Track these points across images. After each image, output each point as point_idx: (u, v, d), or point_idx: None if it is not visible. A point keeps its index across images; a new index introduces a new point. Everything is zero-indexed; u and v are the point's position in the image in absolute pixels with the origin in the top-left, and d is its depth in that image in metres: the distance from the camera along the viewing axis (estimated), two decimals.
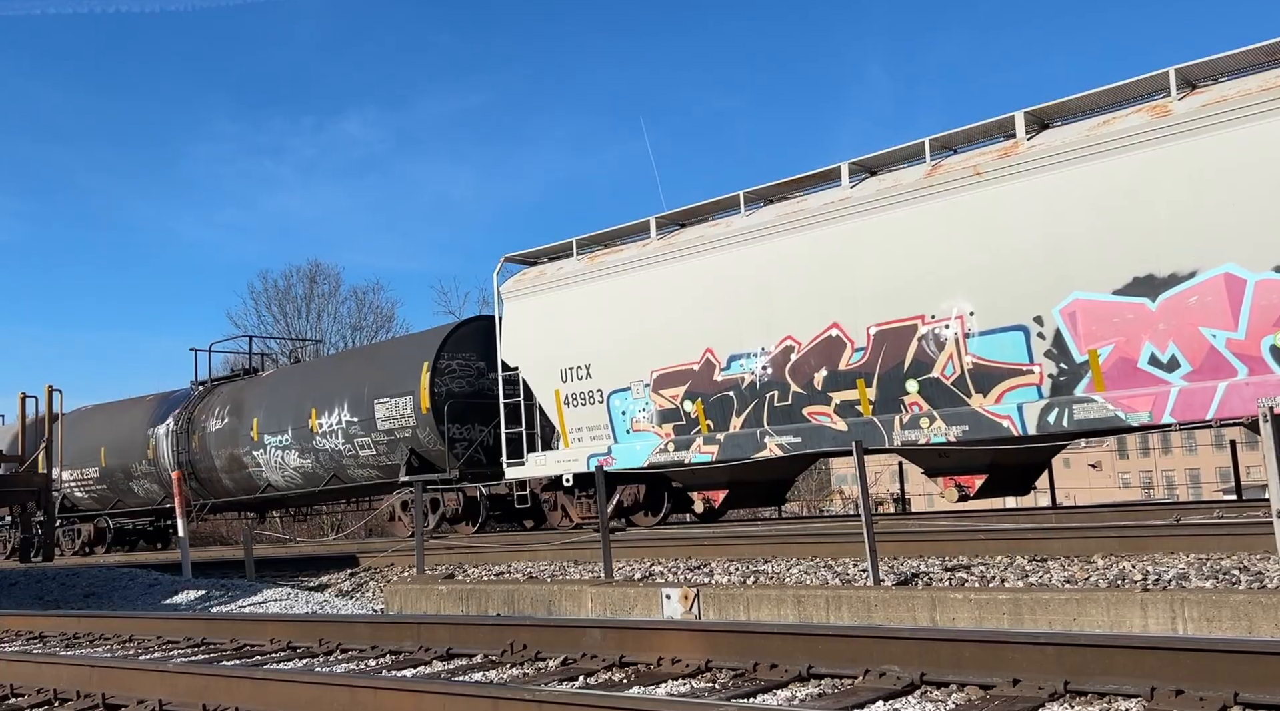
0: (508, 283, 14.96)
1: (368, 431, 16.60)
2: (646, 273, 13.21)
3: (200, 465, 20.24)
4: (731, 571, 8.81)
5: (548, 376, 14.10)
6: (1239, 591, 5.65)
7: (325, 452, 17.51)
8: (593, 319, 13.72)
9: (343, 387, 17.30)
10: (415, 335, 18.36)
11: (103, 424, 23.03)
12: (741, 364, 12.28)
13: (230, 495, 20.23)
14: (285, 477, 18.64)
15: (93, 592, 13.13)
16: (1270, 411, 6.02)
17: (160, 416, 21.43)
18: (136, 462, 21.57)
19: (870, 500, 7.83)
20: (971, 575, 7.46)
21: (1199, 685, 3.78)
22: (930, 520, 11.49)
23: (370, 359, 18.35)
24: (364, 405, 16.62)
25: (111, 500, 22.61)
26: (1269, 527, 6.06)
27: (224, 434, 19.63)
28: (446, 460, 15.54)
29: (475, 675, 5.46)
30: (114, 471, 22.04)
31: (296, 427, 17.91)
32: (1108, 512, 10.90)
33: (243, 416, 19.26)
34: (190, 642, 7.47)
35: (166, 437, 20.87)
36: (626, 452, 13.30)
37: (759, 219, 12.39)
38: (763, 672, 4.82)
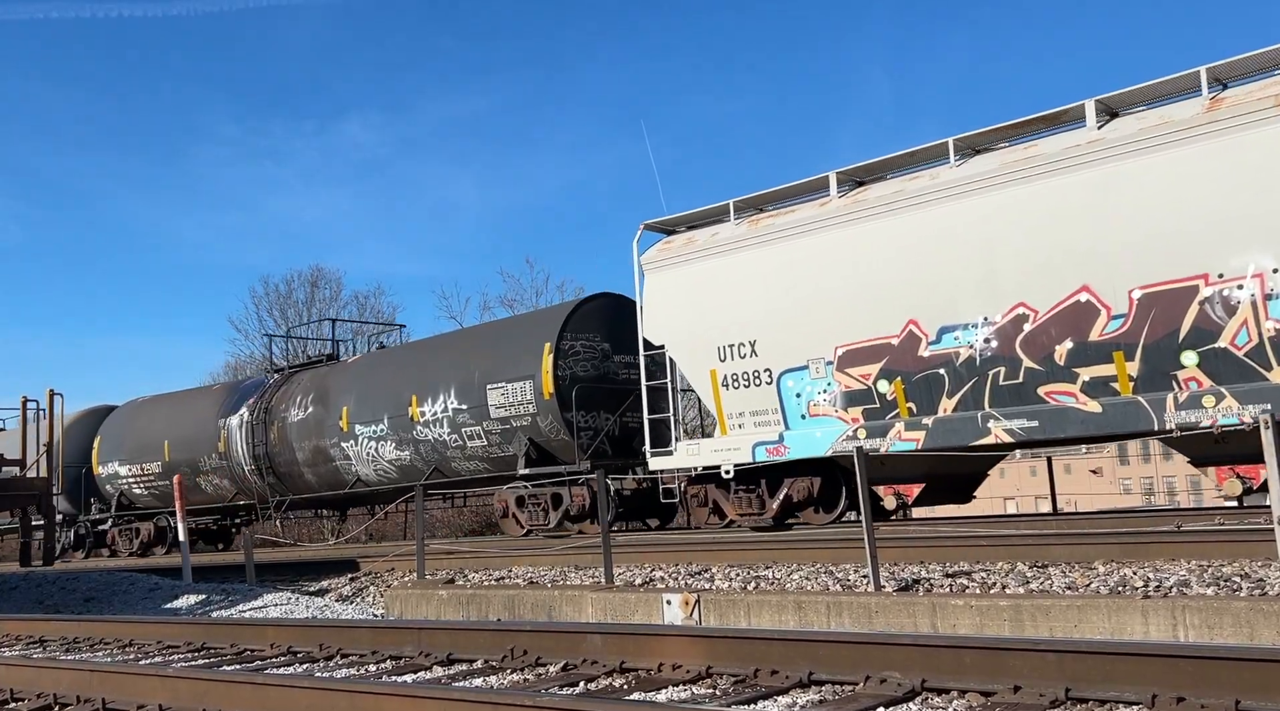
0: (649, 252, 13.42)
1: (478, 420, 15.24)
2: (828, 235, 11.60)
3: (279, 459, 18.80)
4: (732, 577, 8.80)
5: (702, 355, 12.63)
6: (1240, 598, 5.65)
7: (427, 443, 16.12)
8: (759, 289, 12.14)
9: (449, 372, 15.90)
10: (532, 314, 17.02)
11: (165, 416, 21.75)
12: (955, 337, 10.69)
13: (312, 491, 18.68)
14: (378, 471, 17.24)
15: (93, 597, 13.12)
16: (1271, 419, 6.02)
17: (232, 406, 19.97)
18: (205, 457, 20.21)
19: (870, 506, 7.82)
20: (973, 581, 7.45)
21: (1200, 692, 3.78)
22: (932, 526, 11.48)
23: (480, 341, 16.52)
24: (474, 391, 15.31)
25: (173, 498, 21.76)
26: (1270, 535, 6.06)
27: (307, 424, 18.17)
28: (575, 451, 14.23)
29: (476, 680, 5.45)
30: (179, 466, 20.43)
31: (394, 417, 16.49)
32: (1109, 519, 10.89)
33: (329, 405, 17.79)
34: (190, 647, 7.47)
35: (240, 429, 19.43)
36: (803, 440, 11.75)
37: (976, 168, 10.77)
38: (763, 679, 4.82)
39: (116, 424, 23.03)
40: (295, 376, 19.47)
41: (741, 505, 12.67)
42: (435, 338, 18.62)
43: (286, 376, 19.72)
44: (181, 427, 21.04)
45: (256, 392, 19.78)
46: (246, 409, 19.50)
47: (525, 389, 14.67)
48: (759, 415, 12.21)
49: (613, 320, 14.74)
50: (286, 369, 20.26)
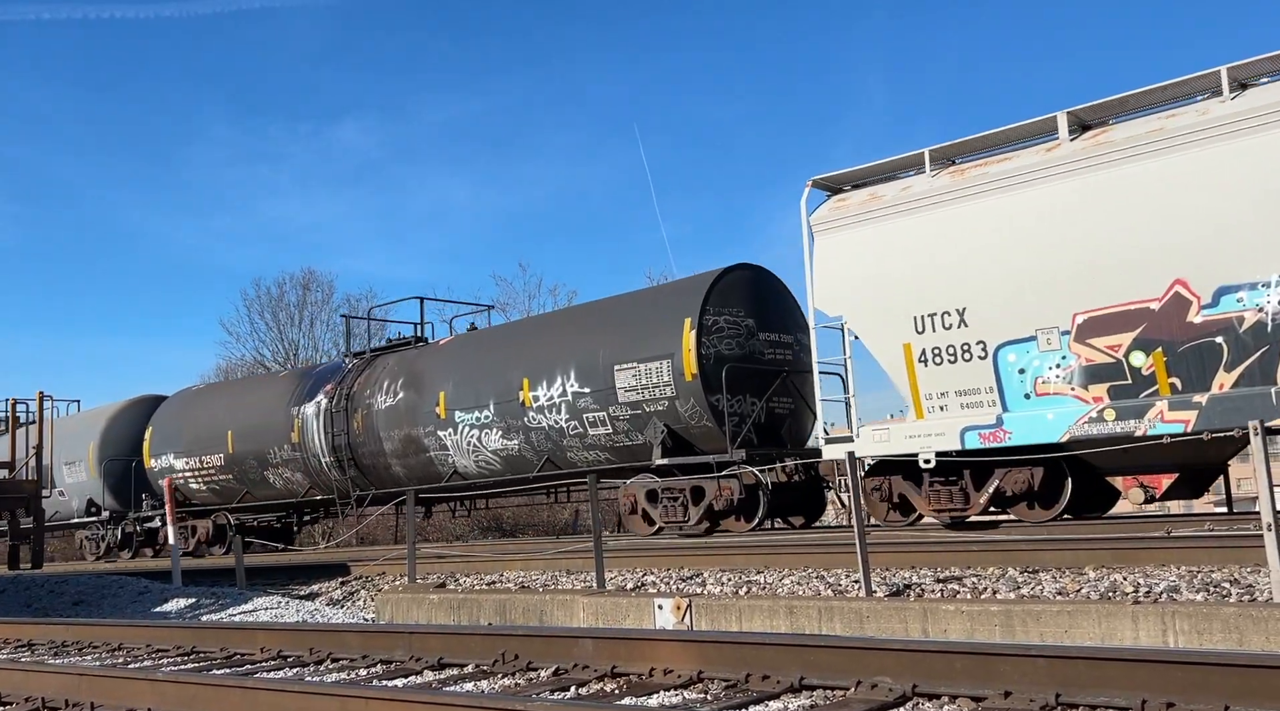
0: (821, 211, 11.88)
1: (603, 405, 13.83)
2: (1062, 184, 10.12)
3: (363, 449, 17.25)
4: (724, 581, 8.80)
5: (891, 327, 11.10)
6: (1230, 604, 5.67)
7: (540, 431, 14.66)
8: (969, 250, 10.63)
9: (567, 352, 14.46)
10: (666, 286, 15.15)
11: (227, 405, 20.32)
12: (1239, 299, 9.19)
13: (398, 485, 16.82)
14: (480, 463, 15.77)
15: (81, 600, 13.06)
16: (1260, 425, 6.04)
17: (307, 393, 18.41)
18: (275, 448, 18.62)
19: (863, 511, 7.83)
20: (963, 586, 7.46)
21: (1190, 698, 3.79)
22: (923, 531, 11.50)
23: (604, 317, 14.84)
24: (599, 373, 13.90)
25: (237, 493, 19.82)
26: (1259, 540, 6.08)
27: (397, 412, 16.62)
28: (722, 439, 12.80)
29: (467, 685, 5.44)
30: (244, 459, 19.19)
31: (501, 402, 15.04)
32: (1099, 524, 10.91)
33: (423, 390, 16.26)
34: (179, 651, 7.44)
35: (317, 418, 17.88)
36: (1029, 424, 10.20)
37: (1263, 99, 9.26)
38: (754, 683, 4.82)
39: (170, 414, 21.66)
40: (379, 360, 17.81)
41: (938, 499, 11.07)
42: (548, 315, 16.95)
43: (368, 360, 18.01)
44: (247, 417, 19.44)
45: (334, 378, 18.21)
46: (324, 396, 17.88)
47: (662, 369, 13.23)
48: (968, 394, 10.65)
49: (756, 294, 13.59)
50: (367, 352, 18.42)
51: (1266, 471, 5.93)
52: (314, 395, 18.25)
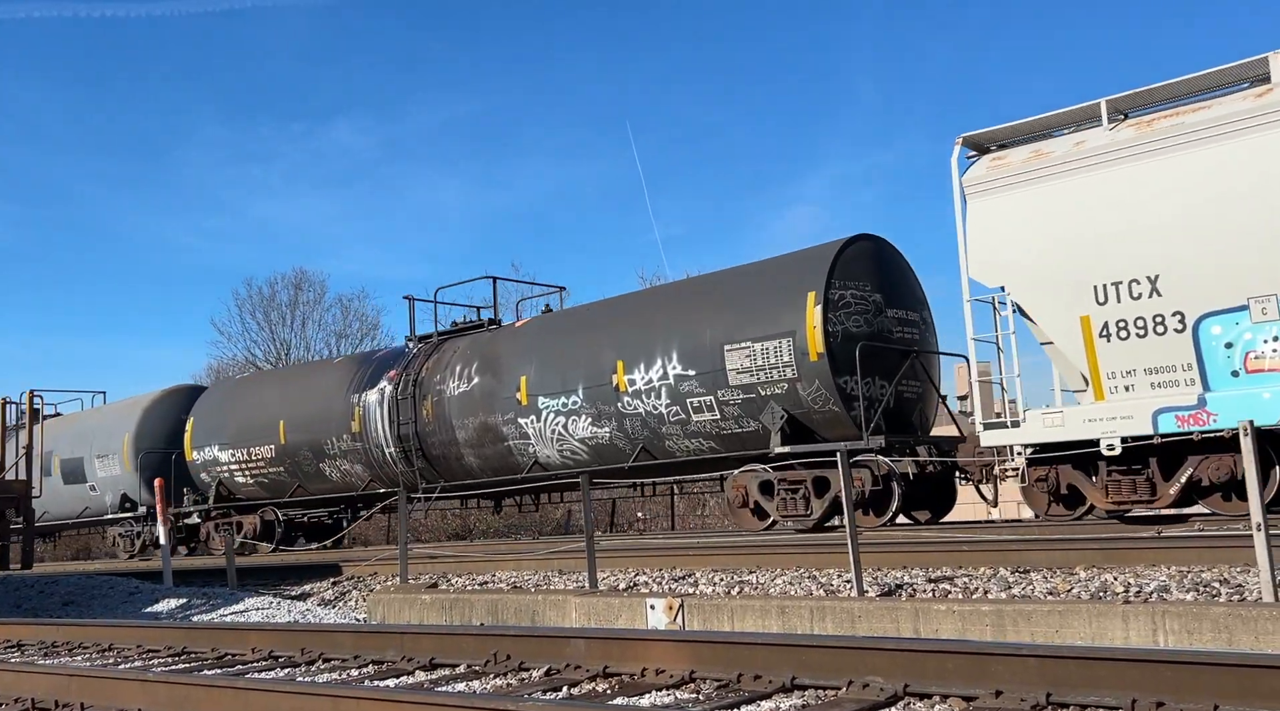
0: (975, 170, 10.84)
1: (711, 388, 12.76)
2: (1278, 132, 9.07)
3: (433, 439, 16.04)
4: (716, 581, 8.81)
5: (1065, 298, 10.04)
6: (1219, 604, 5.69)
7: (635, 418, 13.54)
8: (1162, 209, 9.59)
9: (668, 332, 13.34)
10: (779, 260, 13.57)
11: (278, 394, 18.98)
12: None
13: (471, 476, 15.90)
14: (565, 453, 14.61)
15: (71, 601, 13.01)
16: (1250, 426, 6.07)
17: (369, 380, 17.16)
18: (333, 439, 17.36)
19: (854, 511, 7.84)
20: (955, 586, 7.48)
21: (1180, 697, 3.81)
22: (914, 531, 11.52)
23: (711, 293, 13.62)
24: (706, 354, 12.82)
25: (289, 486, 18.55)
26: (1249, 541, 6.11)
27: (472, 398, 15.45)
28: (854, 425, 11.76)
29: (459, 685, 5.44)
30: (297, 451, 17.92)
31: (591, 387, 13.95)
32: (1090, 525, 10.94)
33: (502, 375, 15.15)
34: (171, 651, 7.42)
35: (381, 406, 16.66)
36: (1238, 405, 9.07)
37: None
38: (746, 683, 4.82)
39: (214, 404, 20.38)
40: (448, 344, 16.58)
41: (1118, 491, 10.05)
42: (644, 292, 15.48)
43: (436, 344, 16.77)
44: (301, 406, 18.09)
45: (398, 364, 16.95)
46: (388, 382, 16.66)
47: (781, 349, 12.13)
48: (1161, 372, 9.59)
49: (880, 267, 12.56)
50: (435, 336, 17.07)
51: (1256, 472, 5.96)
52: (376, 382, 16.92)
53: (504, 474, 15.47)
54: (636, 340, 13.73)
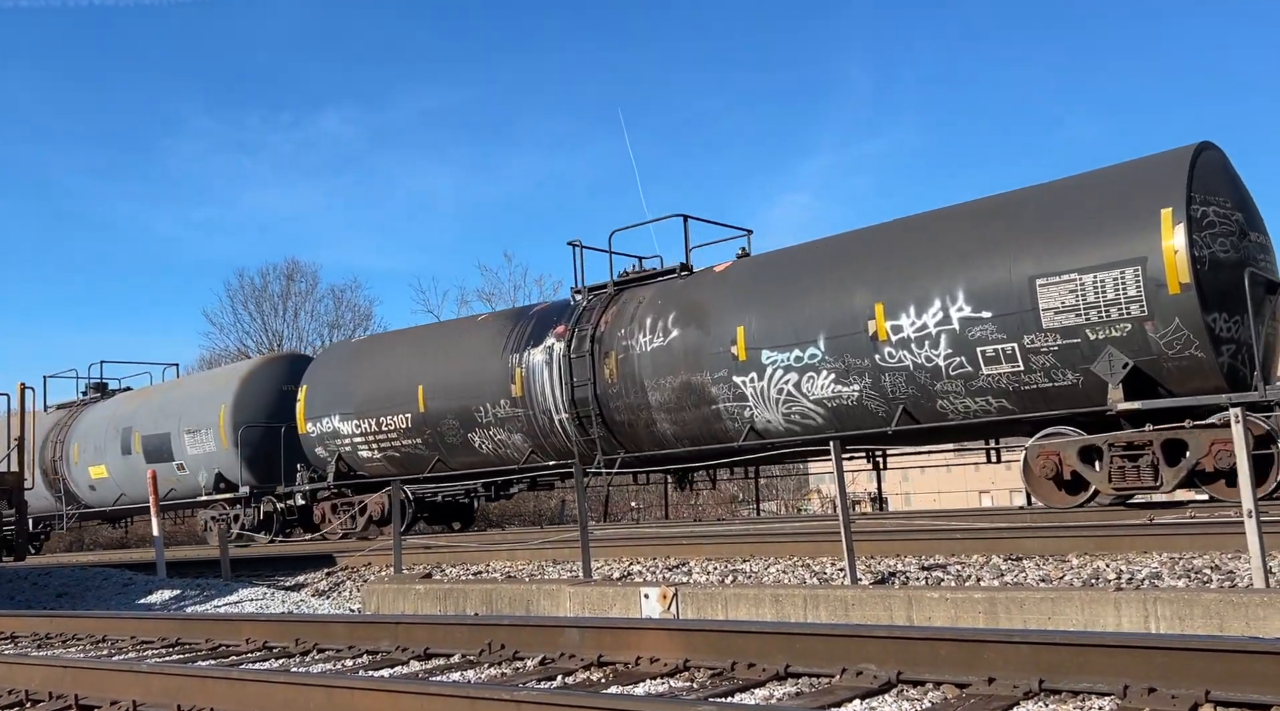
0: None
1: (1015, 334, 10.66)
2: None
3: (616, 403, 14.13)
4: (710, 570, 8.83)
5: None
6: (1210, 590, 5.72)
7: (899, 372, 11.58)
8: None
9: (949, 265, 11.25)
10: (1104, 172, 11.11)
11: (414, 356, 16.76)
12: None
13: (665, 445, 14.02)
14: (792, 416, 12.63)
15: (65, 592, 13.00)
16: (1242, 412, 6.09)
17: (531, 337, 15.24)
18: (486, 405, 15.41)
19: (848, 499, 7.86)
20: (948, 574, 7.51)
21: (1171, 683, 3.82)
22: (907, 520, 11.56)
23: (1012, 215, 11.24)
24: (1009, 291, 10.70)
25: (427, 461, 16.51)
26: (1240, 527, 6.14)
27: (670, 354, 13.54)
28: (1233, 373, 9.87)
29: (453, 675, 5.44)
30: (439, 420, 15.94)
31: (838, 336, 11.97)
32: (1082, 512, 10.99)
33: (710, 327, 13.21)
34: (165, 643, 7.41)
35: (549, 365, 14.77)
36: None
37: None
38: (740, 672, 4.84)
39: (333, 370, 18.27)
40: (628, 294, 14.67)
41: None
42: (910, 219, 12.71)
43: (612, 295, 14.84)
44: (446, 369, 16.07)
45: (565, 318, 15.09)
46: (555, 339, 14.85)
47: (1125, 281, 10.01)
48: None
49: (1235, 182, 10.53)
50: (610, 285, 15.05)
51: (1247, 458, 5.98)
52: (541, 339, 15.05)
53: (705, 443, 13.47)
54: (903, 277, 11.58)
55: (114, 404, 23.55)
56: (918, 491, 55.07)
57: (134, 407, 22.26)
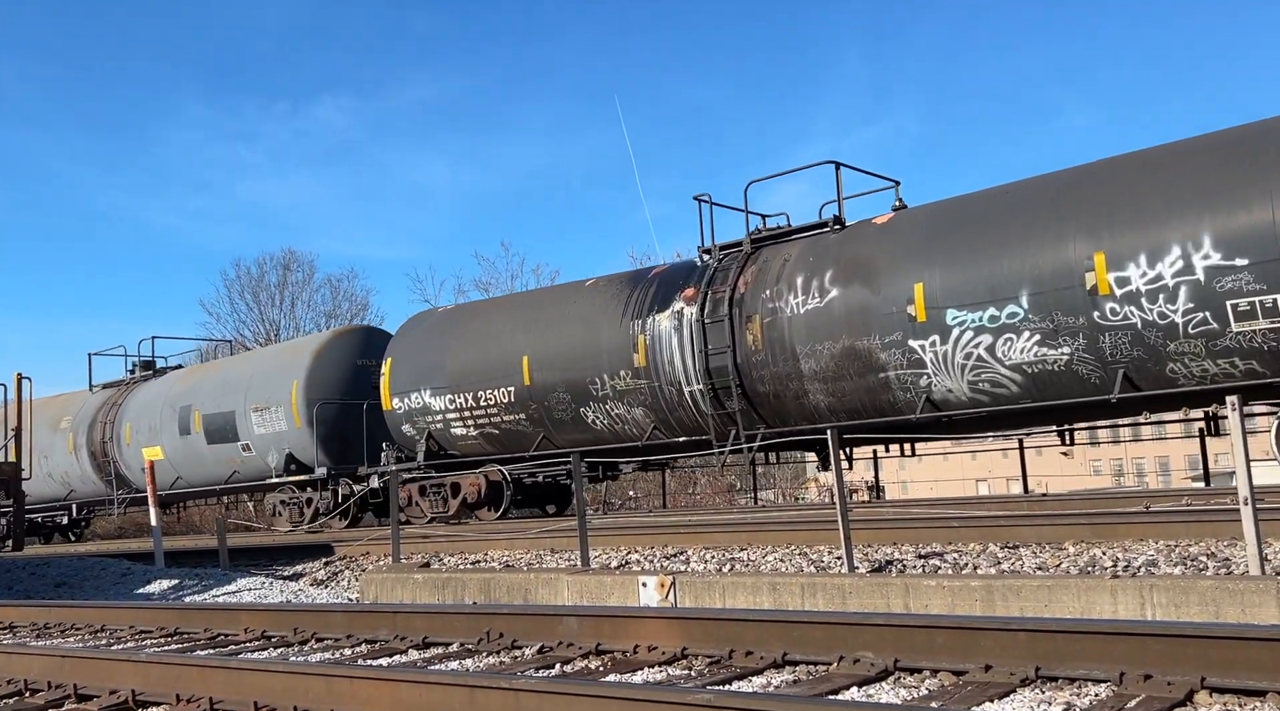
0: None
1: (1277, 283, 9.44)
2: None
3: (761, 372, 12.77)
4: (708, 559, 8.85)
5: None
6: (1206, 577, 5.74)
7: (1123, 331, 10.24)
8: None
9: (1187, 206, 9.93)
10: None
11: (519, 325, 15.47)
12: None
13: (816, 419, 12.60)
14: (980, 385, 11.29)
15: (63, 582, 13.01)
16: (1238, 400, 6.10)
17: (655, 302, 13.95)
18: (603, 377, 14.14)
19: (845, 488, 7.88)
20: (945, 562, 7.53)
21: (1167, 669, 3.84)
22: (904, 508, 11.59)
23: (1259, 144, 9.90)
24: (1270, 234, 9.43)
25: (530, 438, 15.22)
26: (1236, 515, 6.16)
27: (829, 317, 12.17)
28: None
29: (451, 664, 5.46)
30: (548, 393, 14.70)
31: (1045, 291, 10.59)
32: (1079, 500, 11.03)
33: (879, 284, 11.88)
34: (163, 632, 7.42)
35: (679, 332, 13.48)
36: None
37: None
38: (738, 659, 4.85)
39: (423, 340, 16.78)
40: (769, 251, 13.35)
41: None
42: (1130, 156, 11.07)
43: (749, 253, 13.51)
44: (556, 338, 14.82)
45: (693, 280, 13.81)
46: (684, 302, 13.63)
47: None
48: None
49: None
50: (746, 242, 13.66)
51: (1243, 446, 5.99)
52: (668, 303, 13.81)
53: (865, 416, 12.17)
54: (1131, 222, 10.25)
55: (169, 381, 22.00)
56: (914, 480, 55.22)
57: (192, 385, 20.76)
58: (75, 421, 23.22)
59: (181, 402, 20.52)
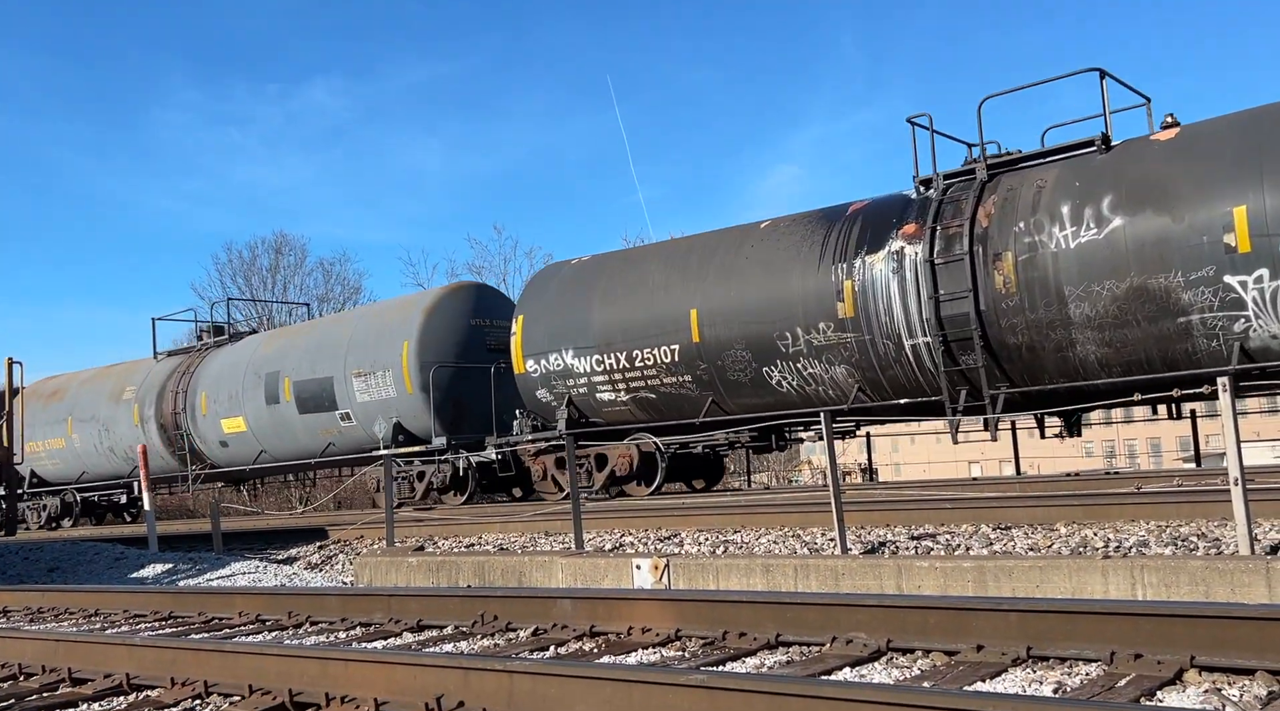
0: None
1: None
2: None
3: (1013, 321, 11.04)
4: (701, 541, 8.88)
5: None
6: (1197, 557, 5.77)
7: None
8: None
9: None
10: None
11: (680, 274, 13.76)
12: None
13: (1078, 376, 10.93)
14: None
15: (57, 567, 13.00)
16: (1230, 381, 6.12)
17: (864, 241, 12.18)
18: (795, 330, 12.48)
19: (838, 470, 7.89)
20: (937, 543, 7.56)
21: (1157, 648, 3.86)
22: (897, 490, 11.62)
23: None
24: None
25: (696, 403, 13.59)
26: (1226, 496, 6.19)
27: (1109, 250, 10.40)
28: None
29: (446, 646, 5.47)
30: (723, 351, 13.09)
31: None
32: (1071, 482, 11.06)
33: (1179, 210, 10.13)
34: (157, 616, 7.43)
35: (899, 275, 11.73)
36: None
37: None
38: (732, 641, 4.87)
39: (559, 295, 15.02)
40: (1013, 177, 11.53)
41: None
42: None
43: (984, 181, 11.66)
44: (729, 288, 13.12)
45: (911, 215, 12.02)
46: (904, 241, 11.84)
47: None
48: None
49: None
50: (980, 164, 11.78)
51: (1234, 427, 6.02)
52: (880, 243, 12.05)
53: (1150, 370, 10.51)
54: None
55: (249, 346, 20.22)
56: (907, 462, 55.36)
57: (279, 350, 18.91)
58: (140, 391, 21.65)
59: (268, 369, 18.72)
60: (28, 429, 22.44)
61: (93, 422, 22.67)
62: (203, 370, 20.64)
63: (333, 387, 17.52)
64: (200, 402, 20.20)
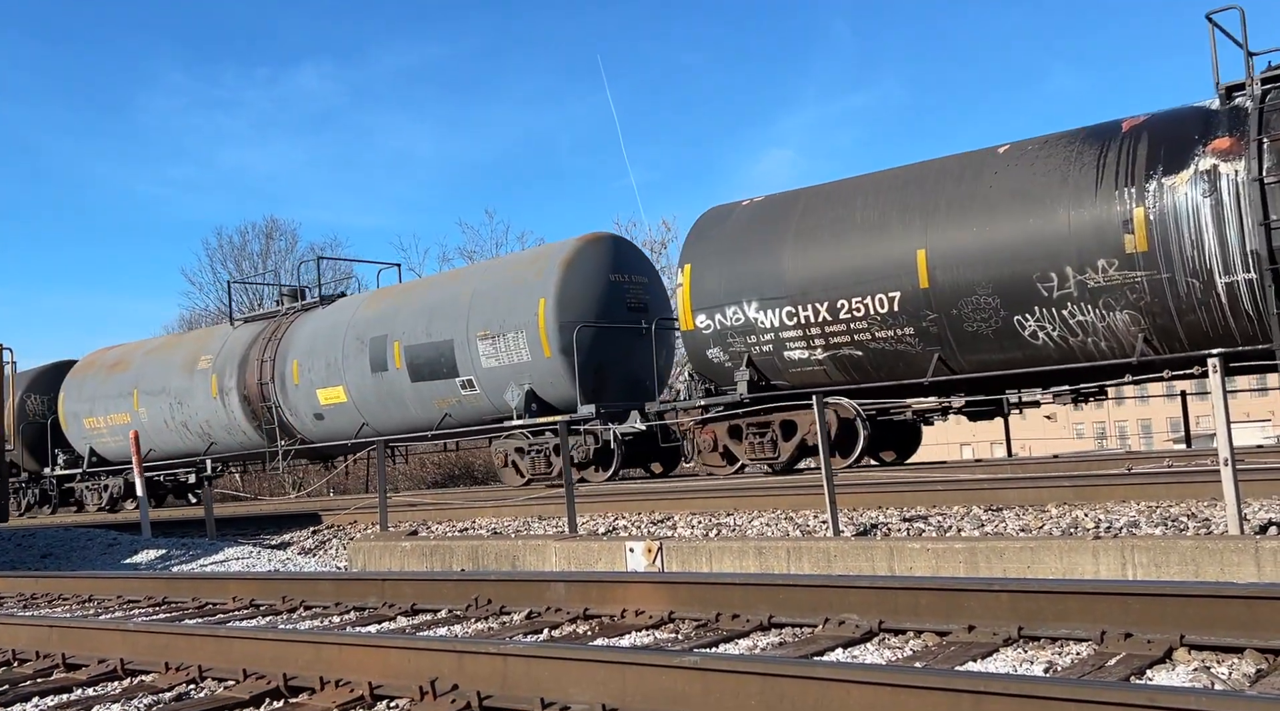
0: None
1: None
2: None
3: None
4: (694, 524, 8.90)
5: None
6: (1186, 538, 5.81)
7: None
8: None
9: None
10: None
11: (901, 209, 11.95)
12: None
13: None
14: None
15: (50, 553, 12.99)
16: (1220, 362, 6.14)
17: (1158, 161, 10.42)
18: (1066, 271, 10.76)
19: (830, 453, 7.91)
20: (929, 525, 7.60)
21: (1147, 628, 3.89)
22: (889, 472, 11.65)
23: None
24: None
25: (917, 360, 11.89)
26: (1216, 476, 6.22)
27: None
28: None
29: (440, 630, 5.48)
30: (960, 298, 11.34)
31: None
32: (1062, 463, 11.10)
33: None
34: (151, 602, 7.43)
35: (1214, 197, 9.99)
36: None
37: None
38: (724, 623, 4.89)
39: (738, 238, 13.30)
40: None
41: None
42: None
43: None
44: (970, 222, 11.37)
45: (1218, 128, 10.25)
46: (1215, 158, 10.12)
47: None
48: None
49: None
50: None
51: (1224, 408, 6.04)
52: (1182, 161, 10.26)
53: None
54: None
55: (346, 308, 18.23)
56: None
57: (383, 310, 17.04)
58: (219, 361, 19.72)
59: (372, 333, 16.78)
60: (88, 403, 22.07)
61: (163, 395, 20.44)
62: (292, 335, 18.58)
63: (453, 352, 15.62)
64: (291, 371, 18.18)
